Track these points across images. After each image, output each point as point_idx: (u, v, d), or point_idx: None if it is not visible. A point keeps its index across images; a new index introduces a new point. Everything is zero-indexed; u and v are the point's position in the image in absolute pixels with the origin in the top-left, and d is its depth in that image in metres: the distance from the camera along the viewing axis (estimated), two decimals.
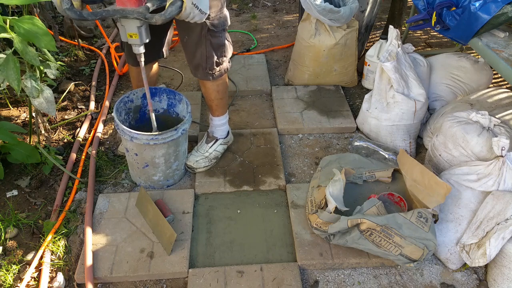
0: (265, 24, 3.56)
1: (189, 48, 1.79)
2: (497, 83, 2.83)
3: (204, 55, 1.76)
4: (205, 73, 1.83)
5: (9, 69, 1.60)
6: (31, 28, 1.58)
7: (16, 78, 1.61)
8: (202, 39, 1.72)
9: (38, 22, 1.60)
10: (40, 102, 1.75)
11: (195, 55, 1.78)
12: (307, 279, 1.66)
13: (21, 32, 1.57)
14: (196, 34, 1.71)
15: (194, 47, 1.76)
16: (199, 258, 1.72)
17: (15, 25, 1.58)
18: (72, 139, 2.30)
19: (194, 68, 1.84)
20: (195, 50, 1.77)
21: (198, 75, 1.85)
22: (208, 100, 1.99)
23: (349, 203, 1.71)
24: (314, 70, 2.62)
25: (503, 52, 1.78)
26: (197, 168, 2.05)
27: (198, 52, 1.76)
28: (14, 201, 1.95)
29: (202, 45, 1.74)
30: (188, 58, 1.84)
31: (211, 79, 1.86)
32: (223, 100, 2.00)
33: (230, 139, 2.20)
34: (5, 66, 1.61)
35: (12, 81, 1.61)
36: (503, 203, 1.53)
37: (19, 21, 1.58)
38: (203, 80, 1.88)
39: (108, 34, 3.35)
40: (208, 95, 1.96)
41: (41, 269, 1.64)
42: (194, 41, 1.74)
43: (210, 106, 2.02)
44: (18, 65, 1.61)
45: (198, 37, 1.72)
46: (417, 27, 2.26)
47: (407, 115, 2.12)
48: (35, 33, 1.58)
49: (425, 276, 1.68)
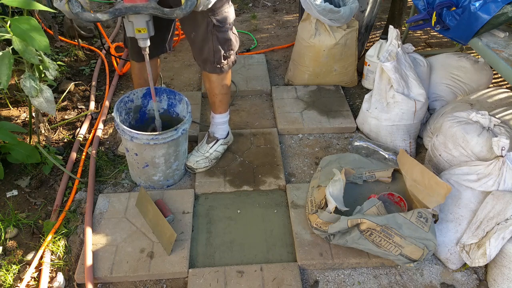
0: (265, 24, 3.56)
1: (196, 44, 1.82)
2: (497, 83, 2.83)
3: (212, 50, 1.80)
4: (214, 67, 1.86)
5: (3, 64, 1.62)
6: (27, 28, 1.60)
7: (6, 74, 1.63)
8: (208, 35, 1.75)
9: (34, 23, 1.61)
10: (39, 102, 1.75)
11: (203, 51, 1.81)
12: (307, 279, 1.66)
13: (17, 32, 1.58)
14: (202, 30, 1.75)
15: (201, 43, 1.79)
16: (199, 258, 1.72)
17: (13, 24, 1.59)
18: (72, 139, 2.30)
19: (203, 62, 1.87)
20: (202, 46, 1.80)
21: (207, 69, 1.89)
22: (212, 95, 1.99)
23: (349, 203, 1.71)
24: (314, 70, 2.62)
25: (503, 52, 1.78)
26: (197, 169, 2.05)
27: (206, 48, 1.80)
28: (14, 201, 1.95)
29: (209, 40, 1.77)
30: (195, 53, 1.88)
31: (219, 73, 1.89)
32: (226, 96, 2.02)
33: (230, 139, 2.20)
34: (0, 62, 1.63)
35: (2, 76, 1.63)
36: (503, 203, 1.53)
37: (17, 21, 1.60)
38: (212, 73, 1.90)
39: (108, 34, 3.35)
40: (212, 89, 1.97)
41: (41, 269, 1.64)
42: (201, 37, 1.77)
43: (213, 102, 2.02)
44: (12, 61, 1.64)
45: (205, 33, 1.75)
46: (417, 27, 2.26)
47: (407, 115, 2.12)
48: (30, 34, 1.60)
49: (425, 276, 1.68)
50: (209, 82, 1.95)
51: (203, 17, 1.70)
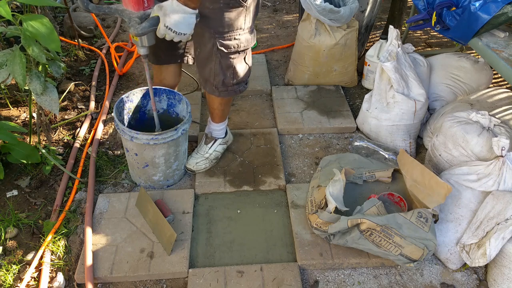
0: (265, 24, 3.56)
1: (200, 62, 1.78)
2: (497, 83, 2.83)
3: (213, 71, 1.75)
4: (212, 89, 1.83)
5: (15, 64, 1.64)
6: (39, 27, 1.60)
7: (21, 73, 1.64)
8: (212, 56, 1.70)
9: (47, 22, 1.61)
10: (43, 100, 1.76)
11: (205, 70, 1.78)
12: (307, 279, 1.66)
13: (28, 29, 1.59)
14: (207, 50, 1.70)
15: (204, 61, 1.75)
16: (199, 258, 1.72)
17: (25, 22, 1.60)
18: (72, 139, 2.30)
19: (204, 81, 1.85)
20: (205, 65, 1.76)
21: (207, 88, 1.86)
22: (210, 107, 1.99)
23: (349, 203, 1.71)
24: (314, 70, 2.62)
25: (503, 52, 1.78)
26: (197, 171, 2.05)
27: (208, 67, 1.76)
28: (14, 201, 1.95)
29: (211, 61, 1.72)
30: (198, 70, 1.84)
31: (217, 96, 1.86)
32: (224, 111, 2.00)
33: (230, 139, 2.19)
34: (11, 61, 1.64)
35: (18, 76, 1.64)
36: (503, 203, 1.53)
37: (29, 19, 1.60)
38: (210, 94, 1.88)
39: (108, 34, 3.35)
40: (211, 104, 1.96)
41: (41, 269, 1.64)
42: (205, 55, 1.72)
43: (211, 113, 2.02)
44: (24, 60, 1.64)
45: (209, 52, 1.70)
46: (417, 27, 2.26)
47: (407, 115, 2.12)
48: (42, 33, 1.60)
49: (425, 276, 1.68)
50: (209, 97, 1.93)
51: (210, 37, 1.65)
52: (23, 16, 1.63)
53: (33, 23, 1.60)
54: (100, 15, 3.58)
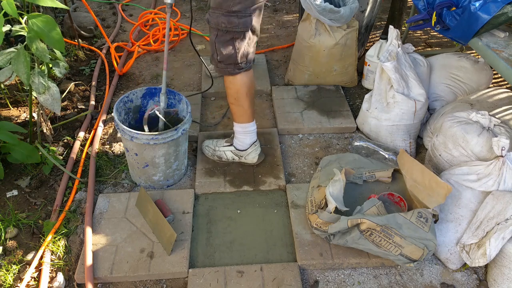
0: (265, 24, 3.56)
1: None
2: (497, 83, 2.83)
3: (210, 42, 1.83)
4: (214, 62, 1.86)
5: (19, 62, 1.65)
6: (45, 26, 1.60)
7: (25, 72, 1.66)
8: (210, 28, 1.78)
9: (52, 22, 1.62)
10: (45, 99, 1.76)
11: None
12: (307, 279, 1.66)
13: (34, 28, 1.59)
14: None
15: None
16: (199, 258, 1.72)
17: (30, 21, 1.60)
18: (72, 139, 2.30)
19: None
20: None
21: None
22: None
23: (349, 203, 1.71)
24: (314, 70, 2.62)
25: (503, 52, 1.78)
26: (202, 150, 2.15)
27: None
28: (14, 201, 1.95)
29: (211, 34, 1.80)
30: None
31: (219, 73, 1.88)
32: (234, 106, 1.95)
33: (248, 159, 2.08)
34: (16, 59, 1.65)
35: (22, 74, 1.66)
36: (503, 203, 1.53)
37: (35, 18, 1.61)
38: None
39: (108, 34, 3.35)
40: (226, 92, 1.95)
41: (41, 269, 1.64)
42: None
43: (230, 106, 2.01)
44: (28, 59, 1.66)
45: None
46: (417, 27, 2.26)
47: (407, 115, 2.12)
48: (48, 32, 1.61)
49: (425, 276, 1.68)
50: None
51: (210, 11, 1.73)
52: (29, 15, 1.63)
53: (38, 22, 1.60)
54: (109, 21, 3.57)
